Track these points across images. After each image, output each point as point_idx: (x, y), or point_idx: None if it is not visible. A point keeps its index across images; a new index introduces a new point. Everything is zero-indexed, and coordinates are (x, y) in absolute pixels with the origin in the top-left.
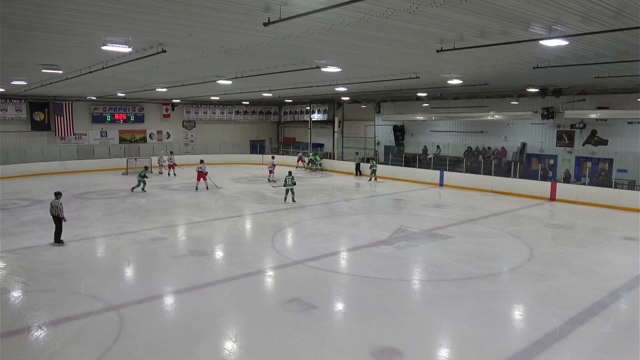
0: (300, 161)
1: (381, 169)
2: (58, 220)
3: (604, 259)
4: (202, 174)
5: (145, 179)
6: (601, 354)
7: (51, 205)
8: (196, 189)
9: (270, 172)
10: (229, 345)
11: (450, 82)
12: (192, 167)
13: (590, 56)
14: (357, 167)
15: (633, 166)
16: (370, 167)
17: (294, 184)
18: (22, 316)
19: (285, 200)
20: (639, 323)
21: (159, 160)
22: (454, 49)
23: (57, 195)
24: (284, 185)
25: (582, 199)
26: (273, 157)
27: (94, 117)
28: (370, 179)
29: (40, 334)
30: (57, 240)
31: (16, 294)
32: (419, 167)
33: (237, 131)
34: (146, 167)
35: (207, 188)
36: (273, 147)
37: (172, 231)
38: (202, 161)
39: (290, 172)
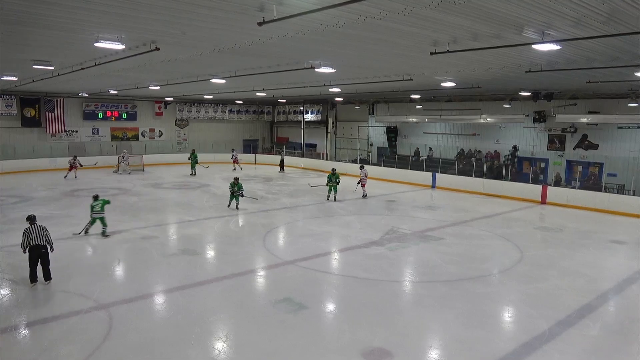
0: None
1: (374, 170)
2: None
3: (593, 262)
4: (73, 167)
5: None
6: (589, 356)
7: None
8: (65, 177)
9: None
10: (219, 345)
11: (443, 84)
12: (182, 166)
13: (582, 61)
14: (281, 162)
15: (622, 170)
16: (328, 184)
17: (338, 182)
18: (10, 314)
19: (327, 198)
20: (627, 325)
21: (122, 158)
22: (448, 51)
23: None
24: (327, 184)
25: (572, 203)
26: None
27: (86, 114)
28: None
29: (29, 332)
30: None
31: (4, 291)
32: (411, 168)
33: (230, 130)
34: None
35: (76, 177)
36: (266, 146)
37: (163, 230)
38: (75, 157)
39: (333, 170)
